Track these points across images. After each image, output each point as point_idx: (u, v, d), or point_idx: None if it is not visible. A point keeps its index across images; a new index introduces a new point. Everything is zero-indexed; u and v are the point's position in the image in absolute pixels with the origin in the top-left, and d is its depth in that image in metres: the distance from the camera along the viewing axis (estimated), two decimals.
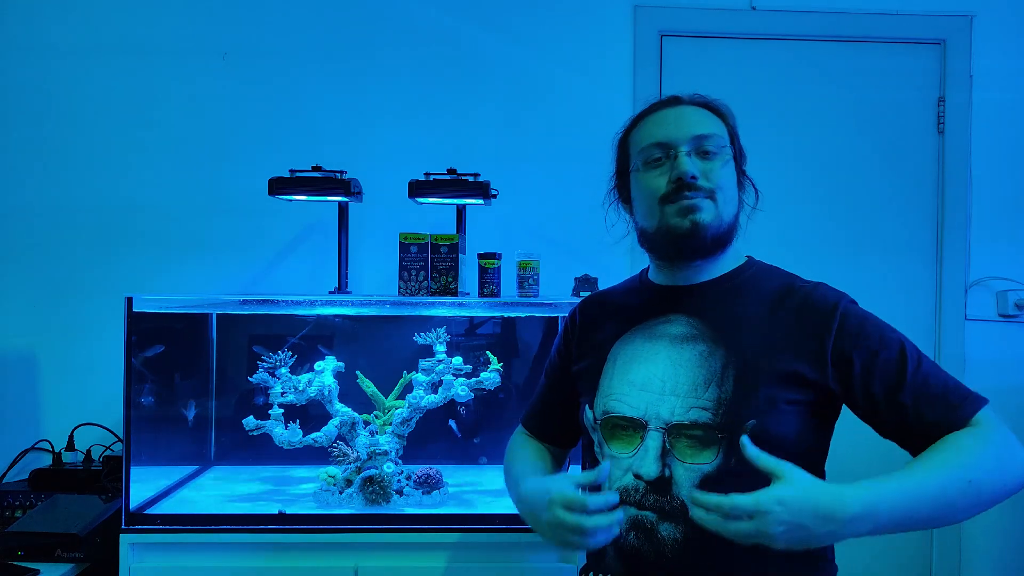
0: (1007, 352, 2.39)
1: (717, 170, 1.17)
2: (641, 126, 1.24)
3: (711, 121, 1.21)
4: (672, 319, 1.21)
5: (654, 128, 1.21)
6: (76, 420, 2.15)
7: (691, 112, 1.21)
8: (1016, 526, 2.40)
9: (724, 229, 1.18)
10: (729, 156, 1.20)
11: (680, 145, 1.17)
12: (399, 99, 2.33)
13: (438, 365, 1.85)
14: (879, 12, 2.37)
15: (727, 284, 1.23)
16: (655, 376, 1.16)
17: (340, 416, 1.86)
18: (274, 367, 1.85)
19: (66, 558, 1.68)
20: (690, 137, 1.17)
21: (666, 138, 1.18)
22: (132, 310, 1.73)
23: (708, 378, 1.13)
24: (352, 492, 1.80)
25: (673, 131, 1.18)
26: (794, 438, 1.12)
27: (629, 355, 1.21)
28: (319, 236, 2.28)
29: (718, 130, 1.20)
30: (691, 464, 1.11)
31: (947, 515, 1.04)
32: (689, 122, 1.19)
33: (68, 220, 2.27)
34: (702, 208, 1.16)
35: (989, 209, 2.40)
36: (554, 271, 2.07)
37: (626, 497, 1.14)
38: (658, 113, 1.23)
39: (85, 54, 2.28)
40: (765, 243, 2.36)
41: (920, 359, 1.14)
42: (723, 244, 1.20)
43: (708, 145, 1.18)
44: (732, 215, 1.20)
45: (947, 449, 1.05)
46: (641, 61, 2.35)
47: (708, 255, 1.20)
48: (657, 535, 1.12)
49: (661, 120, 1.21)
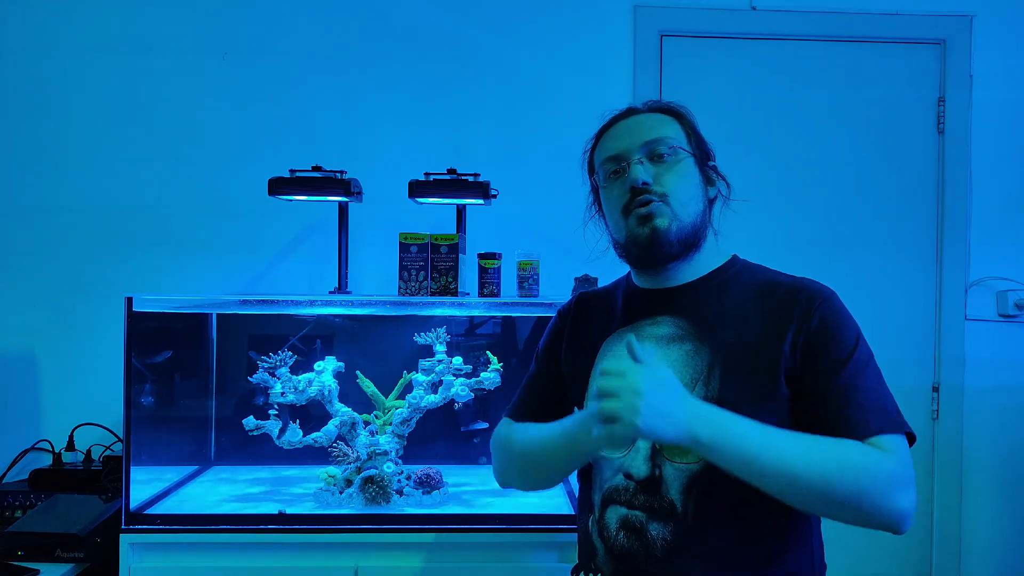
0: (1007, 352, 2.39)
1: (668, 171, 1.18)
2: (601, 142, 1.27)
3: (663, 124, 1.22)
4: (659, 320, 1.21)
5: (609, 142, 1.24)
6: (76, 420, 2.15)
7: (644, 120, 1.23)
8: (1016, 526, 2.40)
9: (688, 230, 1.18)
10: (685, 155, 1.21)
11: (632, 154, 1.19)
12: (399, 99, 2.33)
13: (438, 365, 1.85)
14: (879, 12, 2.37)
15: (711, 283, 1.23)
16: None
17: (340, 416, 1.86)
18: (274, 367, 1.85)
19: (66, 558, 1.68)
20: (640, 144, 1.19)
21: (618, 150, 1.21)
22: (132, 310, 1.73)
23: (695, 377, 1.14)
24: (352, 492, 1.80)
25: (625, 141, 1.21)
26: None
27: (617, 357, 1.20)
28: (319, 236, 2.28)
29: (670, 131, 1.21)
30: (680, 463, 1.12)
31: (786, 487, 1.02)
32: (640, 130, 1.21)
33: (68, 220, 2.27)
34: (659, 213, 1.17)
35: (989, 209, 2.40)
36: (554, 271, 2.07)
37: (616, 497, 1.15)
38: (615, 126, 1.25)
39: (85, 54, 2.28)
40: (765, 243, 2.37)
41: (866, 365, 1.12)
42: (692, 244, 1.19)
43: (659, 148, 1.19)
44: (695, 214, 1.19)
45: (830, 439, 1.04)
46: (641, 61, 2.35)
47: (679, 258, 1.20)
48: (647, 535, 1.12)
49: (616, 133, 1.24)
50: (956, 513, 2.39)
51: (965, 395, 2.38)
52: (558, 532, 1.68)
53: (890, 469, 1.03)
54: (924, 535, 2.40)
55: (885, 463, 1.03)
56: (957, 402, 2.38)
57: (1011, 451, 2.39)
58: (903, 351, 2.39)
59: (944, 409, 2.38)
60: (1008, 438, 2.39)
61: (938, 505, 2.39)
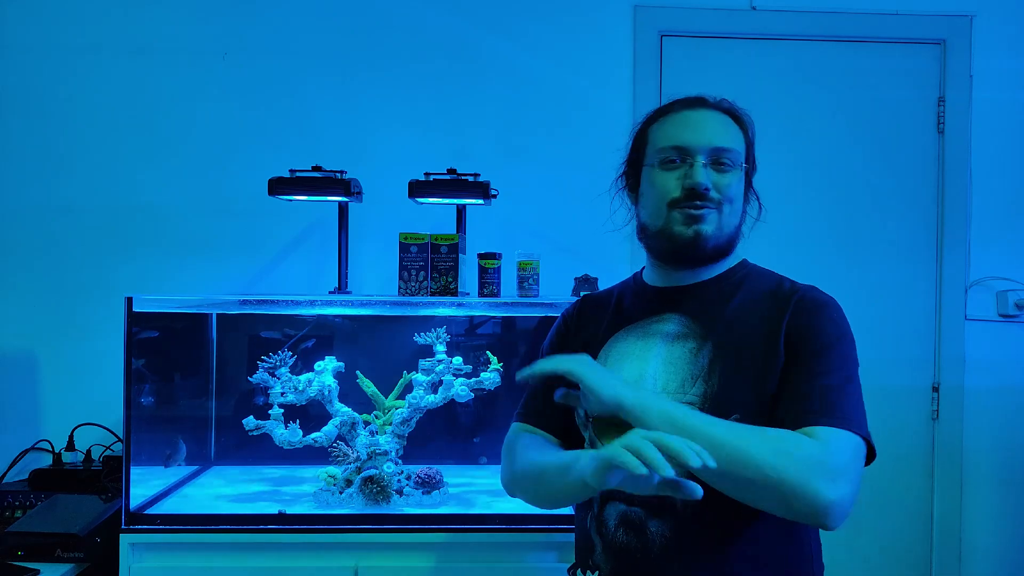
0: (1007, 352, 2.39)
1: (729, 184, 1.18)
2: (662, 123, 1.23)
3: (731, 133, 1.21)
4: (666, 318, 1.22)
5: (675, 130, 1.20)
6: (76, 420, 2.15)
7: (713, 119, 1.21)
8: (1016, 526, 2.40)
9: (724, 241, 1.20)
10: (742, 171, 1.21)
11: (698, 154, 1.17)
12: (399, 99, 2.33)
13: (438, 365, 1.85)
14: (879, 12, 2.37)
15: (720, 284, 1.23)
16: (647, 374, 1.17)
17: (340, 416, 1.86)
18: (274, 367, 1.85)
19: (66, 558, 1.68)
20: (709, 148, 1.18)
21: (685, 143, 1.18)
22: (132, 310, 1.73)
23: (696, 374, 1.14)
24: (352, 492, 1.80)
25: (693, 137, 1.18)
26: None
27: (621, 353, 1.21)
28: (319, 236, 2.28)
29: (737, 144, 1.21)
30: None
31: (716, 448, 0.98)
32: (710, 131, 1.19)
33: (69, 220, 2.27)
34: (706, 219, 1.17)
35: (989, 209, 2.40)
36: (554, 271, 2.07)
37: (616, 493, 1.14)
38: (681, 114, 1.22)
39: (85, 54, 2.28)
40: (765, 243, 2.36)
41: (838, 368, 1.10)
42: (723, 254, 1.22)
43: (725, 158, 1.19)
44: (734, 227, 1.21)
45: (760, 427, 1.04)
46: (641, 61, 2.35)
47: (706, 263, 1.22)
48: (646, 531, 1.12)
49: (683, 122, 1.20)
50: (956, 513, 2.38)
51: (965, 395, 2.38)
52: (558, 532, 1.68)
53: (814, 454, 1.00)
54: (924, 535, 2.40)
55: (809, 448, 1.01)
56: (957, 402, 2.38)
57: (1011, 451, 2.39)
58: (903, 351, 2.39)
59: (944, 409, 2.38)
60: (1008, 438, 2.39)
61: (938, 505, 2.39)
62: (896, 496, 2.37)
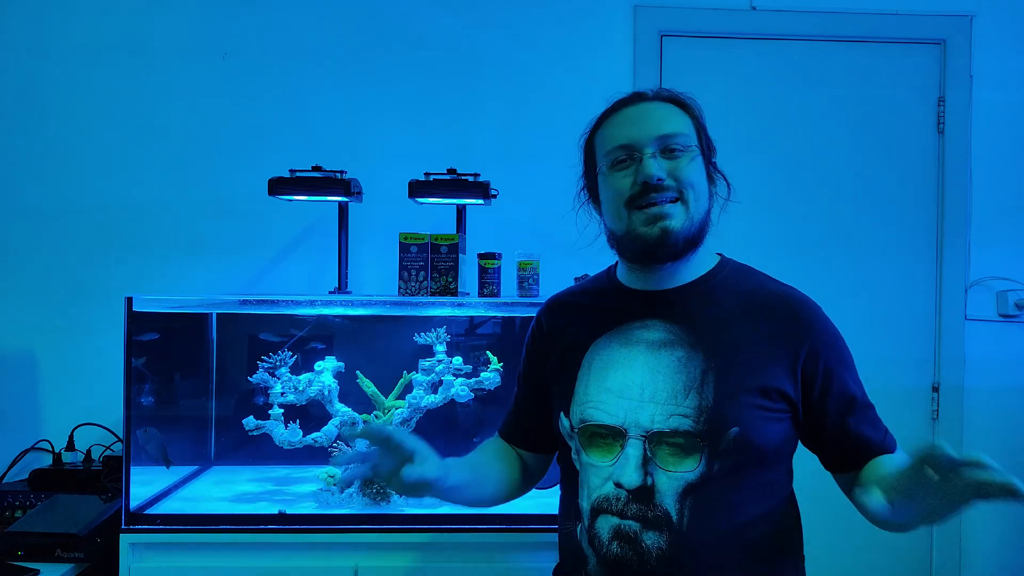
0: (1007, 352, 2.39)
1: (683, 168, 1.14)
2: (605, 126, 1.20)
3: (676, 118, 1.18)
4: (649, 324, 1.18)
5: (618, 129, 1.18)
6: (76, 420, 2.15)
7: (655, 109, 1.18)
8: (1016, 526, 2.40)
9: (695, 230, 1.16)
10: (696, 152, 1.17)
11: (645, 147, 1.14)
12: (399, 99, 2.33)
13: (438, 365, 1.85)
14: (879, 12, 2.37)
15: (702, 287, 1.20)
16: (633, 383, 1.14)
17: (340, 416, 1.86)
18: (274, 367, 1.85)
19: (66, 558, 1.68)
20: (655, 137, 1.14)
21: (630, 139, 1.15)
22: (132, 310, 1.73)
23: (688, 384, 1.11)
24: (352, 492, 1.80)
25: (637, 132, 1.15)
26: (773, 444, 1.13)
27: (605, 361, 1.18)
28: (319, 236, 2.28)
29: (684, 127, 1.17)
30: (674, 472, 1.10)
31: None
32: (653, 121, 1.16)
33: (68, 220, 2.27)
34: (671, 215, 1.13)
35: (989, 209, 2.40)
36: (554, 271, 2.07)
37: (607, 506, 1.12)
38: (622, 112, 1.19)
39: (85, 54, 2.28)
40: (765, 243, 2.38)
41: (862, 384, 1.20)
42: (695, 244, 1.17)
43: (674, 143, 1.15)
44: (703, 212, 1.17)
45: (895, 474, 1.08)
46: (641, 61, 2.35)
47: (679, 258, 1.17)
48: (641, 544, 1.10)
49: (624, 120, 1.18)
50: None
51: (965, 395, 2.38)
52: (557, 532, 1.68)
53: None
54: (924, 535, 2.40)
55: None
56: (957, 402, 2.38)
57: (1011, 451, 2.39)
58: (903, 351, 2.39)
59: (944, 409, 2.38)
60: (1008, 438, 2.39)
61: None
62: None
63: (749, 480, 1.10)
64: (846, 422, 1.15)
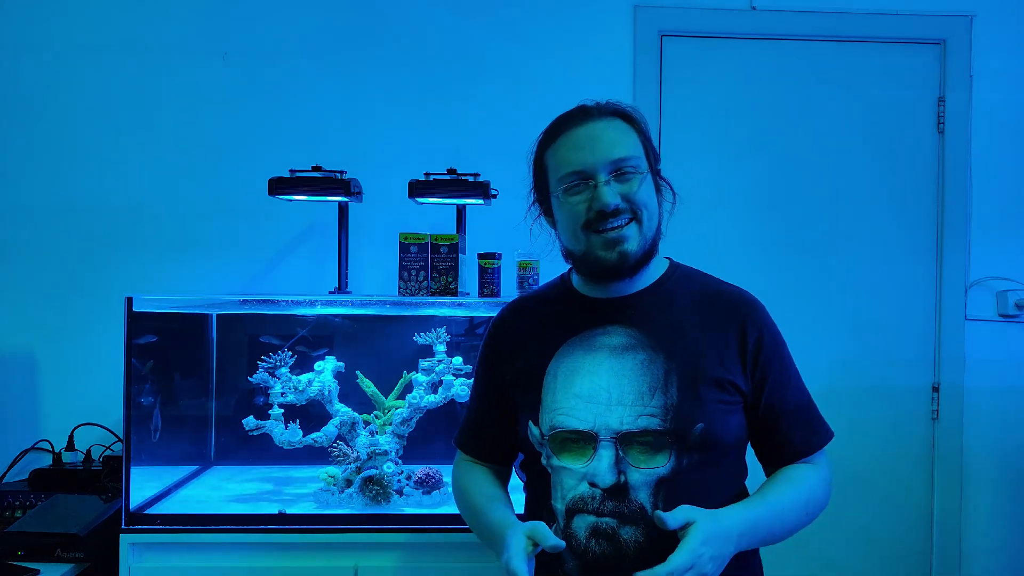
0: (1007, 352, 2.39)
1: (636, 191, 1.17)
2: (556, 148, 1.21)
3: (625, 139, 1.19)
4: (610, 330, 1.21)
5: (569, 153, 1.19)
6: (76, 420, 2.15)
7: (604, 129, 1.19)
8: (1016, 526, 2.40)
9: (649, 246, 1.20)
10: (647, 172, 1.20)
11: (598, 172, 1.16)
12: (399, 99, 2.33)
13: (438, 365, 1.85)
14: (879, 12, 2.37)
15: (658, 291, 1.25)
16: (600, 387, 1.17)
17: (340, 416, 1.86)
18: (274, 367, 1.85)
19: (66, 558, 1.68)
20: (607, 163, 1.16)
21: (583, 165, 1.17)
22: (132, 310, 1.73)
23: (653, 385, 1.16)
24: (352, 492, 1.80)
25: (589, 157, 1.17)
26: (733, 437, 1.20)
27: (570, 368, 1.20)
28: (319, 236, 2.28)
29: (633, 149, 1.19)
30: (646, 469, 1.13)
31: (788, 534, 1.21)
32: (603, 145, 1.17)
33: (68, 220, 2.27)
34: (627, 237, 1.17)
35: (989, 209, 2.40)
36: (554, 271, 2.06)
37: (582, 506, 1.14)
38: (572, 134, 1.20)
39: (85, 53, 2.28)
40: (765, 243, 2.38)
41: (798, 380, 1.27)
42: (650, 258, 1.23)
43: (626, 167, 1.17)
44: (655, 229, 1.22)
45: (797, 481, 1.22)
46: (641, 61, 2.35)
47: (635, 273, 1.22)
48: (619, 539, 1.12)
49: (575, 143, 1.19)
50: (956, 513, 2.38)
51: (965, 395, 2.38)
52: None
53: (827, 481, 1.25)
54: (924, 535, 2.40)
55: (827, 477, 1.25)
56: (957, 402, 2.38)
57: (1011, 451, 2.39)
58: (903, 351, 2.39)
59: (944, 409, 2.38)
60: (1008, 438, 2.39)
61: (938, 505, 2.39)
62: (896, 496, 2.37)
63: (715, 468, 1.17)
64: (775, 416, 1.22)
